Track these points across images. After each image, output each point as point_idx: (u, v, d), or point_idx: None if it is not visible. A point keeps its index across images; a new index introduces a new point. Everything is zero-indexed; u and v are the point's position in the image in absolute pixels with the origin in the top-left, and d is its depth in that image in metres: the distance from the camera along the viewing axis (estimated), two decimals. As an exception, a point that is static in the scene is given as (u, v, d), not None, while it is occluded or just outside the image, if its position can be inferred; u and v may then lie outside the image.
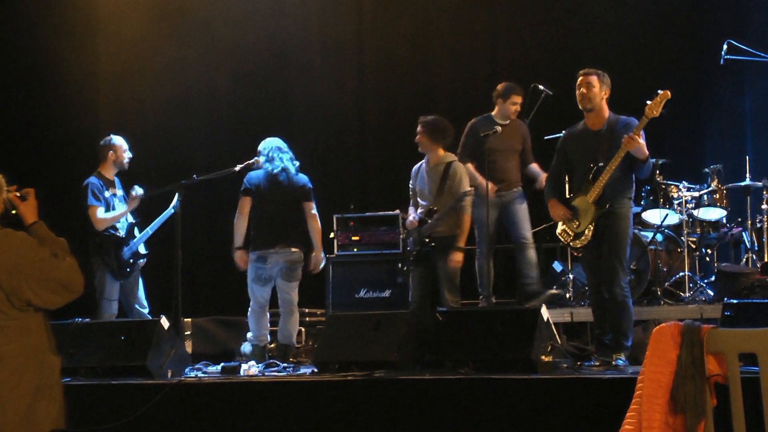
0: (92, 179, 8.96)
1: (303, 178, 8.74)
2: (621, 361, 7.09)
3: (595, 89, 7.42)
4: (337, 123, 11.13)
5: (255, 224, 8.71)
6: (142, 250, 9.05)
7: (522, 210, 8.89)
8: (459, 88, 11.33)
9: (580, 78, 7.47)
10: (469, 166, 8.70)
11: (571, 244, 7.57)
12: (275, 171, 8.68)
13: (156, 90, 11.15)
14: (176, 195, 9.00)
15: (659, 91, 7.18)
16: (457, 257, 8.44)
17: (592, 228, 7.38)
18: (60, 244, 4.89)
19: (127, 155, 9.09)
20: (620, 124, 7.37)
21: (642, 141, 7.17)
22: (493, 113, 8.82)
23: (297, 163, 8.79)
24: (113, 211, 8.92)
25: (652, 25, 10.24)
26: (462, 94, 11.29)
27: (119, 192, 9.07)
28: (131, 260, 8.96)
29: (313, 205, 8.70)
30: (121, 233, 8.97)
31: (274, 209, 8.65)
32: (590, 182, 7.37)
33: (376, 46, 11.63)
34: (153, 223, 9.00)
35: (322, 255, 8.81)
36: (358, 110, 11.62)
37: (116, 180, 9.12)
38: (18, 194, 4.94)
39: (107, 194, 8.96)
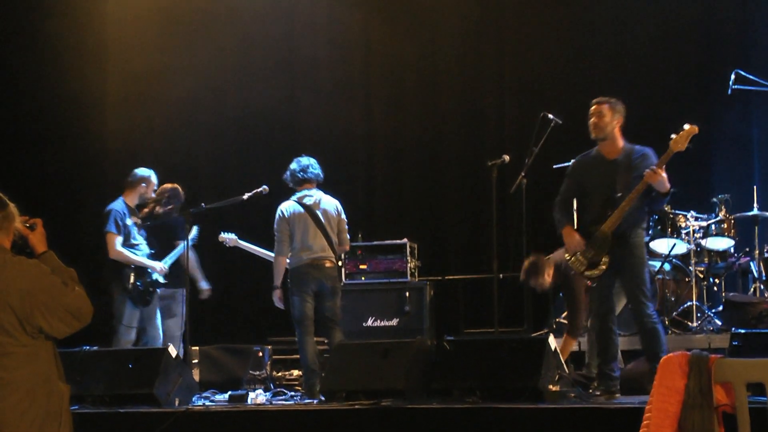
0: (116, 206, 9.00)
1: None
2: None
3: (606, 118, 7.38)
4: (345, 154, 11.18)
5: None
6: (161, 279, 9.11)
7: None
8: (467, 115, 11.36)
9: (593, 107, 7.43)
10: None
11: (585, 273, 7.51)
12: None
13: (163, 117, 11.21)
14: (195, 228, 9.13)
15: (686, 126, 7.13)
16: None
17: (607, 258, 7.37)
18: (69, 274, 4.91)
19: (152, 192, 9.18)
20: (637, 154, 7.32)
21: (664, 174, 7.17)
22: None
23: None
24: (133, 252, 8.99)
25: (661, 54, 10.27)
26: (470, 120, 11.32)
27: (137, 220, 9.14)
28: (150, 288, 9.02)
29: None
30: (144, 261, 9.05)
31: None
32: (608, 212, 7.34)
33: (383, 74, 11.68)
34: (172, 253, 9.06)
35: None
36: (366, 140, 11.66)
37: (136, 210, 9.20)
38: (27, 224, 4.97)
39: (128, 221, 9.02)
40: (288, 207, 8.55)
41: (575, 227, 7.61)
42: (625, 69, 10.14)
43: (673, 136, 7.17)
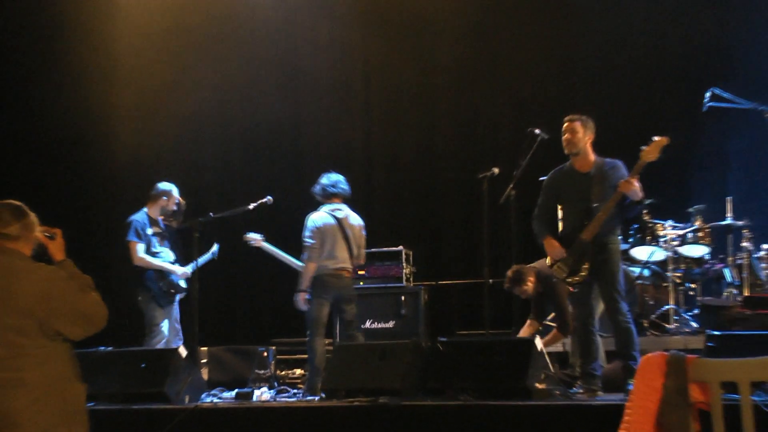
0: (137, 217, 9.07)
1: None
2: (630, 386, 7.09)
3: (579, 134, 7.43)
4: (344, 165, 11.09)
5: None
6: (182, 284, 9.16)
7: None
8: (460, 130, 11.38)
9: (565, 124, 7.48)
10: None
11: (567, 279, 7.54)
12: None
13: (173, 130, 11.20)
14: (216, 244, 9.30)
15: (655, 138, 7.19)
16: None
17: (588, 265, 7.42)
18: (86, 281, 4.92)
19: (173, 205, 9.22)
20: (608, 166, 7.39)
21: (637, 184, 7.21)
22: None
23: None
24: (156, 259, 9.05)
25: (643, 73, 10.29)
26: (463, 135, 11.35)
27: (159, 230, 9.18)
28: (172, 290, 9.07)
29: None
30: (166, 266, 9.11)
31: None
32: (585, 221, 7.39)
33: (381, 90, 11.70)
34: (193, 263, 9.08)
35: None
36: (365, 152, 11.67)
37: (158, 220, 9.24)
38: (47, 234, 4.99)
39: (149, 231, 9.05)
40: (321, 218, 8.65)
41: (555, 237, 7.64)
42: (609, 87, 10.17)
43: (644, 147, 7.22)
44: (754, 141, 9.37)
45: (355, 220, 8.83)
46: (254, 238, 9.41)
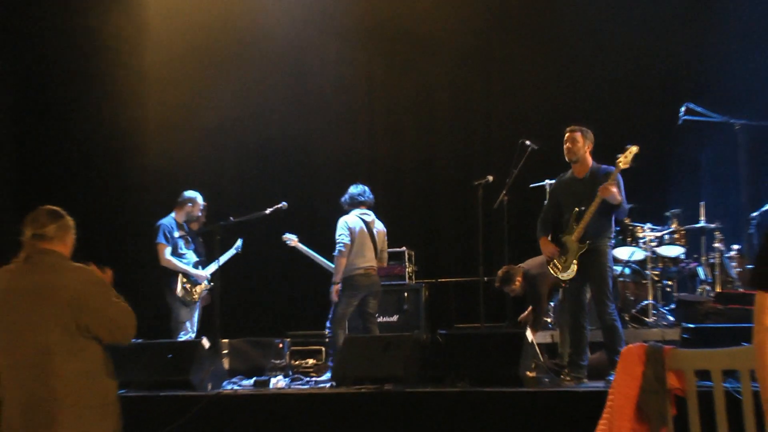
0: (165, 221, 9.11)
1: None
2: (612, 376, 7.09)
3: (579, 143, 7.44)
4: (350, 174, 11.11)
5: None
6: (207, 283, 9.18)
7: None
8: (457, 141, 11.37)
9: (567, 134, 7.48)
10: None
11: (559, 276, 7.54)
12: None
13: (196, 143, 11.20)
14: (239, 240, 9.31)
15: (628, 146, 7.22)
16: None
17: (576, 263, 7.41)
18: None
19: (197, 212, 9.24)
20: (602, 172, 7.36)
21: (615, 189, 7.17)
22: None
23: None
24: (181, 261, 9.08)
25: (624, 90, 10.24)
26: (460, 145, 11.34)
27: (185, 234, 9.20)
28: (196, 291, 9.08)
29: None
30: (189, 270, 9.13)
31: None
32: (575, 224, 7.39)
33: (384, 105, 11.69)
34: (214, 264, 9.10)
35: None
36: (369, 162, 11.67)
37: (184, 224, 9.27)
38: (96, 268, 4.93)
39: (176, 234, 9.09)
40: (353, 220, 8.80)
41: (551, 237, 7.64)
42: (594, 102, 10.15)
43: (619, 156, 7.23)
44: (724, 151, 9.37)
45: (380, 225, 9.05)
46: (290, 238, 9.45)
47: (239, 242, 9.44)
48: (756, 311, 3.30)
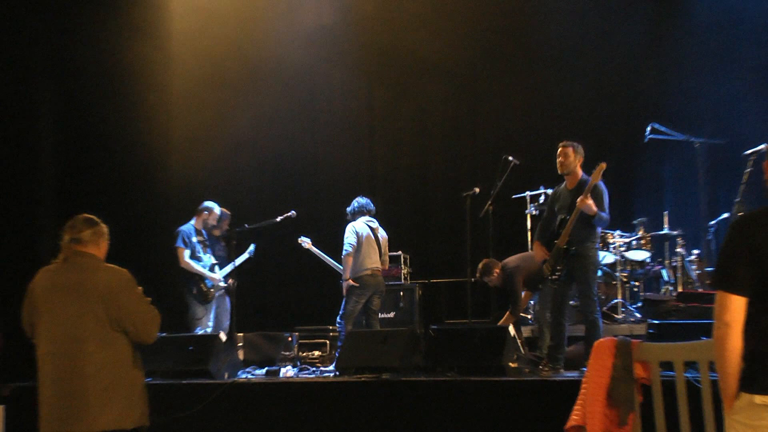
0: (184, 227, 9.13)
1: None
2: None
3: (570, 158, 7.35)
4: (353, 186, 11.12)
5: None
6: (222, 284, 9.15)
7: None
8: (448, 157, 11.38)
9: (560, 149, 7.40)
10: None
11: (550, 277, 7.46)
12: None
13: (214, 158, 11.17)
14: (252, 245, 9.31)
15: (599, 163, 7.20)
16: None
17: (562, 266, 7.37)
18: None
19: (213, 221, 9.24)
20: (585, 185, 7.29)
21: (590, 201, 7.10)
22: None
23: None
24: (198, 264, 9.07)
25: (596, 112, 10.23)
26: (450, 161, 11.34)
27: (202, 239, 9.19)
28: (212, 290, 9.07)
29: None
30: (205, 272, 9.11)
31: None
32: (561, 230, 7.36)
33: (383, 126, 11.69)
34: (230, 264, 9.09)
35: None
36: (370, 176, 11.67)
37: (203, 231, 9.27)
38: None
39: (194, 239, 9.09)
40: (360, 227, 8.86)
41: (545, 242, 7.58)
42: (570, 122, 10.13)
43: (592, 171, 7.20)
44: (685, 166, 9.37)
45: (383, 232, 9.09)
46: (305, 240, 9.46)
47: (252, 247, 9.47)
48: (716, 309, 3.29)
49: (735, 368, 3.23)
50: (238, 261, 9.22)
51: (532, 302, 9.29)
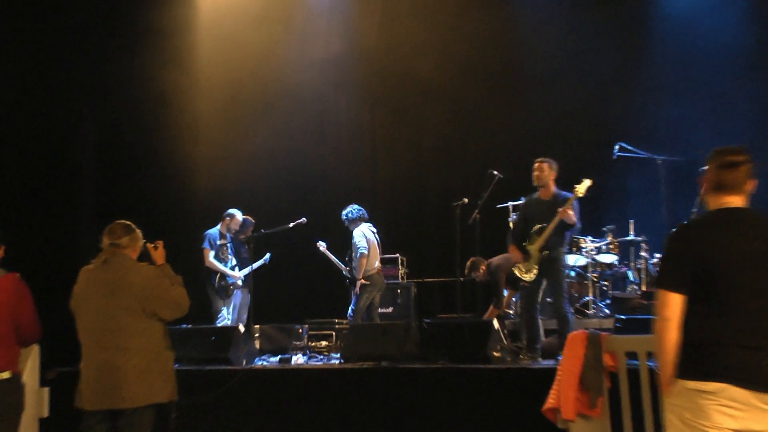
0: (210, 231, 9.18)
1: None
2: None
3: (546, 172, 7.39)
4: (357, 196, 11.12)
5: None
6: (239, 283, 9.17)
7: None
8: (441, 172, 11.37)
9: (536, 164, 7.43)
10: None
11: (523, 277, 7.51)
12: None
13: (235, 170, 11.19)
14: (268, 254, 9.35)
15: (584, 179, 7.21)
16: None
17: (536, 268, 7.38)
18: (177, 279, 4.95)
19: (236, 226, 9.23)
20: (561, 197, 7.31)
21: (571, 212, 7.15)
22: None
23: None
24: (220, 264, 9.07)
25: (570, 130, 10.22)
26: (443, 175, 11.33)
27: (226, 242, 9.20)
28: (231, 287, 9.09)
29: None
30: (226, 270, 9.14)
31: None
32: (537, 236, 7.36)
33: (384, 144, 11.66)
34: (248, 267, 9.10)
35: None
36: (372, 187, 11.66)
37: (227, 235, 9.28)
38: (153, 245, 5.03)
39: (219, 242, 9.11)
40: (367, 232, 8.89)
41: (519, 246, 7.60)
42: (546, 140, 10.08)
43: (576, 186, 7.21)
44: (648, 180, 9.37)
45: (378, 237, 9.07)
46: (322, 244, 9.45)
47: (267, 256, 9.48)
48: (657, 306, 3.31)
49: (672, 358, 3.24)
50: (256, 265, 9.23)
51: (514, 299, 9.30)
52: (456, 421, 6.41)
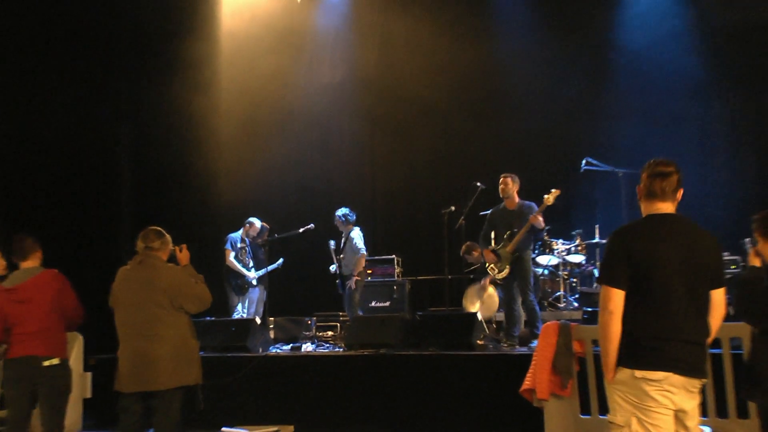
0: (233, 235, 9.20)
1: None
2: (534, 343, 7.09)
3: (510, 186, 7.51)
4: (358, 202, 11.09)
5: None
6: (254, 282, 9.17)
7: None
8: (431, 184, 11.33)
9: (501, 179, 7.57)
10: None
11: (496, 276, 7.61)
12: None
13: (252, 182, 11.18)
14: (281, 259, 9.31)
15: (552, 190, 7.28)
16: None
17: (508, 267, 7.44)
18: (200, 278, 4.97)
19: (254, 232, 9.24)
20: (525, 207, 7.46)
21: (541, 218, 7.25)
22: None
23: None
24: (238, 264, 9.06)
25: (543, 145, 10.14)
26: (433, 186, 11.29)
27: (245, 245, 9.20)
28: (246, 286, 9.09)
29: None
30: (243, 271, 9.12)
31: None
32: (509, 240, 7.42)
33: (383, 159, 11.59)
34: (263, 269, 9.12)
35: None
36: (371, 198, 11.66)
37: (246, 239, 9.27)
38: (178, 248, 5.04)
39: (239, 245, 9.12)
40: (361, 234, 8.93)
41: (491, 249, 7.66)
42: (522, 154, 10.05)
43: (546, 195, 7.27)
44: (611, 190, 9.38)
45: None
46: (332, 243, 9.43)
47: (280, 260, 9.46)
48: (601, 300, 3.32)
49: (615, 346, 3.25)
50: (270, 267, 9.23)
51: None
52: (445, 400, 6.43)
